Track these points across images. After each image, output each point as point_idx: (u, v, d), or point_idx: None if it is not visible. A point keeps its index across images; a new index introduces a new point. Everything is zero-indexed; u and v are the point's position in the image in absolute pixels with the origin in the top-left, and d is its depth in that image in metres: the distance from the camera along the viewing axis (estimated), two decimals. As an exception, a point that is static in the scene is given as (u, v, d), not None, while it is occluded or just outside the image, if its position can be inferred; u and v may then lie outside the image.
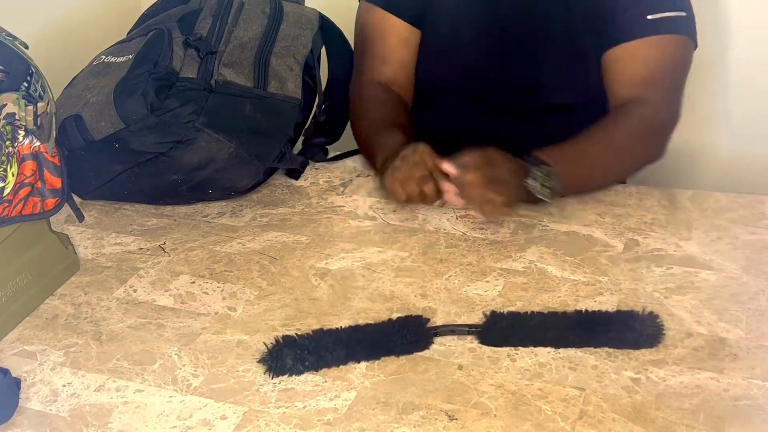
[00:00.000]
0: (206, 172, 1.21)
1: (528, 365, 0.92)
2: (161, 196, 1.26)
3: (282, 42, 1.30)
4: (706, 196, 1.22)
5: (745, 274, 1.05)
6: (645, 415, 0.84)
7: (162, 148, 1.18)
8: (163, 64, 1.20)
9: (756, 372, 0.89)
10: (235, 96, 1.22)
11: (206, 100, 1.19)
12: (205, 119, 1.19)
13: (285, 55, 1.29)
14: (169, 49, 1.22)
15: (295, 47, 1.31)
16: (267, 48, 1.28)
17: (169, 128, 1.18)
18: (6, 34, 0.98)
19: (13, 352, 0.99)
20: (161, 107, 1.17)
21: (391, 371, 0.92)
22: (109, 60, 1.25)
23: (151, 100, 1.17)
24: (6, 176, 0.97)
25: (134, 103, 1.16)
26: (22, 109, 0.96)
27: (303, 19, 1.34)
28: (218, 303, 1.05)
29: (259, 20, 1.30)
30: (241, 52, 1.26)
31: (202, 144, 1.19)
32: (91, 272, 1.13)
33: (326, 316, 1.01)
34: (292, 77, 1.28)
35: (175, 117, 1.17)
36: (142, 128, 1.17)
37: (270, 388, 0.91)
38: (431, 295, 1.04)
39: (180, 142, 1.18)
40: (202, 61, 1.22)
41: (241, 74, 1.24)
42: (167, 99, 1.18)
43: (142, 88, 1.17)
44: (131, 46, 1.26)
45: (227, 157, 1.21)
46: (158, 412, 0.88)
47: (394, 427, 0.85)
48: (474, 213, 1.17)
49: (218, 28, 1.26)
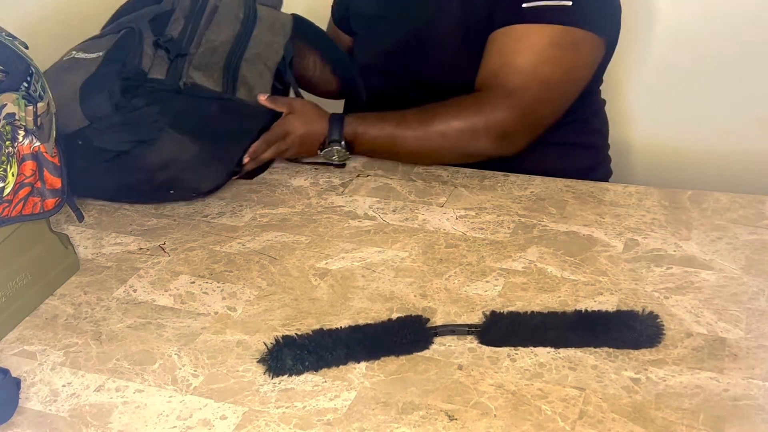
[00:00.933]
0: (169, 173, 1.21)
1: (528, 365, 0.92)
2: (124, 194, 1.27)
3: (254, 48, 1.30)
4: (706, 196, 1.22)
5: (745, 274, 1.05)
6: (645, 415, 0.84)
7: (125, 146, 1.18)
8: (132, 63, 1.20)
9: (756, 372, 0.89)
10: (202, 98, 1.22)
11: (172, 101, 1.20)
12: (169, 120, 1.19)
13: (256, 62, 1.30)
14: (139, 48, 1.22)
15: (267, 54, 1.32)
16: (238, 53, 1.29)
17: (133, 127, 1.18)
18: (6, 34, 0.98)
19: (13, 352, 0.99)
20: (127, 106, 1.17)
21: (391, 371, 0.92)
22: (80, 56, 1.25)
23: (116, 99, 1.17)
24: (6, 176, 0.97)
25: (99, 101, 1.16)
26: (22, 109, 0.96)
27: (277, 24, 1.35)
28: (218, 303, 1.05)
29: (231, 25, 1.30)
30: (212, 56, 1.26)
31: (165, 144, 1.19)
32: (91, 272, 1.13)
33: (326, 316, 1.01)
34: (261, 85, 1.30)
35: (140, 116, 1.18)
36: (107, 126, 1.17)
37: (270, 388, 0.91)
38: (431, 295, 1.04)
39: (143, 141, 1.18)
40: (171, 63, 1.22)
41: (210, 78, 1.24)
42: (134, 98, 1.18)
43: (109, 86, 1.17)
44: (102, 43, 1.25)
45: (190, 159, 1.21)
46: (158, 412, 0.88)
47: (393, 427, 0.85)
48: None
49: (190, 31, 1.27)
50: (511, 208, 1.22)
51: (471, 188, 1.28)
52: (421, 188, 1.28)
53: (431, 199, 1.25)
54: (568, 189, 1.26)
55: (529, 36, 1.24)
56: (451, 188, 1.28)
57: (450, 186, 1.29)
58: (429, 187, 1.29)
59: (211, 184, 1.27)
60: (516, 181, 1.29)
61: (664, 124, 1.67)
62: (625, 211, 1.19)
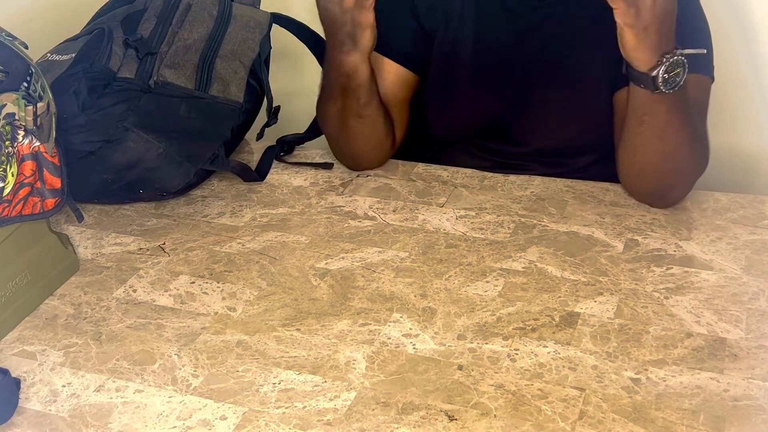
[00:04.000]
0: (136, 172, 1.21)
1: (528, 365, 0.92)
2: (93, 194, 1.26)
3: (228, 45, 1.30)
4: (706, 196, 1.22)
5: (745, 274, 1.05)
6: (645, 415, 0.84)
7: (90, 146, 1.18)
8: (100, 63, 1.20)
9: (756, 372, 0.89)
10: (170, 97, 1.22)
11: (140, 100, 1.20)
12: (135, 119, 1.19)
13: (230, 59, 1.29)
14: (107, 48, 1.22)
15: (242, 51, 1.31)
16: (212, 51, 1.28)
17: (98, 127, 1.18)
18: (6, 34, 0.98)
19: (12, 352, 0.99)
20: (93, 106, 1.17)
21: (391, 371, 0.92)
22: (54, 58, 1.25)
23: (82, 99, 1.17)
24: (6, 176, 0.97)
25: (65, 101, 1.16)
26: (22, 109, 0.96)
27: (252, 22, 1.34)
28: (218, 303, 1.05)
29: (205, 23, 1.29)
30: (185, 54, 1.26)
31: (131, 144, 1.19)
32: (91, 272, 1.13)
33: (326, 317, 1.01)
34: (236, 81, 1.29)
35: (105, 116, 1.17)
36: (72, 126, 1.16)
37: (270, 388, 0.91)
38: (431, 295, 1.04)
39: (108, 141, 1.18)
40: (141, 62, 1.22)
41: (182, 76, 1.24)
42: (100, 98, 1.18)
43: (75, 86, 1.17)
44: (75, 45, 1.25)
45: (156, 158, 1.21)
46: (158, 412, 0.88)
47: (393, 427, 0.85)
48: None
49: (161, 29, 1.26)
50: (511, 208, 1.22)
51: (471, 188, 1.27)
52: (421, 188, 1.28)
53: (431, 199, 1.25)
54: (568, 189, 1.26)
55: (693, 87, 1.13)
56: (451, 188, 1.28)
57: (450, 186, 1.28)
58: (429, 187, 1.29)
59: (180, 182, 1.26)
60: (516, 182, 1.28)
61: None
62: (625, 211, 1.19)
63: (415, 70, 1.32)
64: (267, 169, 1.35)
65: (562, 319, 0.98)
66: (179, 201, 1.29)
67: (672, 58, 1.06)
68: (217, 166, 1.30)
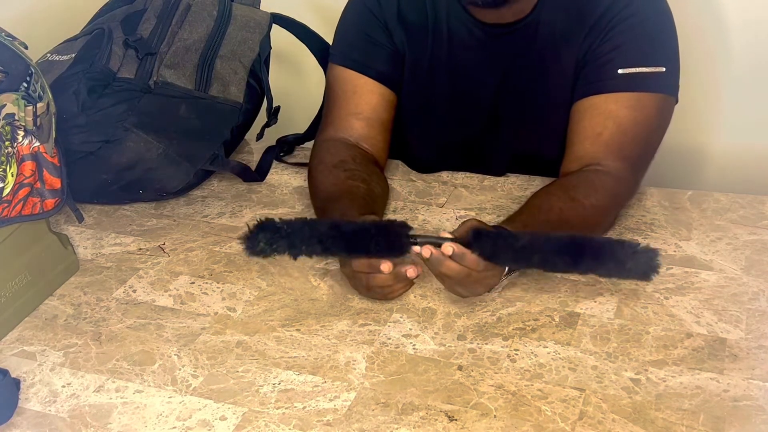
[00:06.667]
0: (136, 173, 1.22)
1: (528, 366, 0.92)
2: (93, 195, 1.27)
3: (228, 45, 1.30)
4: (706, 196, 1.22)
5: (745, 275, 1.05)
6: (645, 415, 0.84)
7: (90, 147, 1.18)
8: (99, 63, 1.20)
9: (756, 372, 0.89)
10: (170, 97, 1.22)
11: (140, 100, 1.20)
12: (135, 119, 1.19)
13: (230, 59, 1.30)
14: (107, 48, 1.22)
15: (242, 51, 1.31)
16: (212, 51, 1.28)
17: (98, 127, 1.18)
18: (6, 34, 0.98)
19: (12, 352, 0.99)
20: (93, 106, 1.17)
21: (390, 371, 0.92)
22: (54, 58, 1.25)
23: (82, 99, 1.17)
24: (5, 176, 0.97)
25: (65, 101, 1.16)
26: (22, 109, 0.96)
27: (252, 22, 1.34)
28: (218, 303, 1.05)
29: (205, 23, 1.30)
30: (185, 54, 1.26)
31: (130, 144, 1.19)
32: (91, 272, 1.13)
33: (326, 317, 1.01)
34: (236, 81, 1.29)
35: (105, 116, 1.18)
36: (72, 127, 1.17)
37: (269, 388, 0.90)
38: (431, 295, 1.04)
39: (108, 141, 1.18)
40: (141, 62, 1.22)
41: (182, 76, 1.24)
42: (100, 98, 1.18)
43: (75, 86, 1.17)
44: (75, 45, 1.26)
45: (155, 158, 1.21)
46: (158, 412, 0.88)
47: (393, 427, 0.85)
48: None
49: (161, 30, 1.27)
50: (511, 208, 1.21)
51: (471, 188, 1.27)
52: (421, 188, 1.28)
53: (431, 199, 1.25)
54: (568, 189, 1.26)
55: (636, 106, 1.15)
56: (451, 188, 1.28)
57: (450, 186, 1.28)
58: (429, 187, 1.29)
59: (180, 183, 1.26)
60: (516, 182, 1.28)
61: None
62: (625, 211, 1.19)
63: (394, 88, 1.28)
64: (267, 169, 1.35)
65: (562, 319, 0.98)
66: (179, 201, 1.29)
67: (510, 275, 1.03)
68: (216, 166, 1.30)
